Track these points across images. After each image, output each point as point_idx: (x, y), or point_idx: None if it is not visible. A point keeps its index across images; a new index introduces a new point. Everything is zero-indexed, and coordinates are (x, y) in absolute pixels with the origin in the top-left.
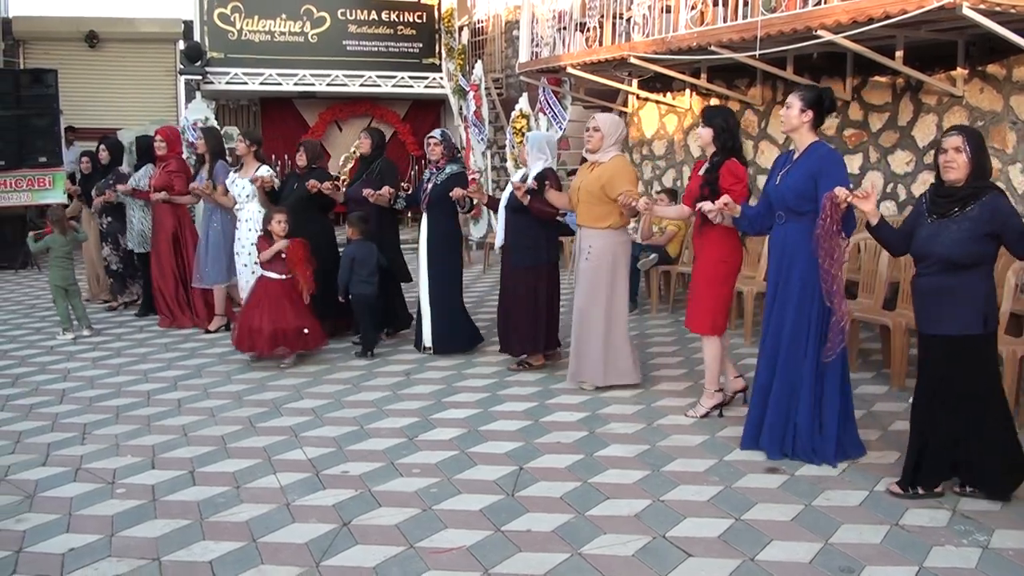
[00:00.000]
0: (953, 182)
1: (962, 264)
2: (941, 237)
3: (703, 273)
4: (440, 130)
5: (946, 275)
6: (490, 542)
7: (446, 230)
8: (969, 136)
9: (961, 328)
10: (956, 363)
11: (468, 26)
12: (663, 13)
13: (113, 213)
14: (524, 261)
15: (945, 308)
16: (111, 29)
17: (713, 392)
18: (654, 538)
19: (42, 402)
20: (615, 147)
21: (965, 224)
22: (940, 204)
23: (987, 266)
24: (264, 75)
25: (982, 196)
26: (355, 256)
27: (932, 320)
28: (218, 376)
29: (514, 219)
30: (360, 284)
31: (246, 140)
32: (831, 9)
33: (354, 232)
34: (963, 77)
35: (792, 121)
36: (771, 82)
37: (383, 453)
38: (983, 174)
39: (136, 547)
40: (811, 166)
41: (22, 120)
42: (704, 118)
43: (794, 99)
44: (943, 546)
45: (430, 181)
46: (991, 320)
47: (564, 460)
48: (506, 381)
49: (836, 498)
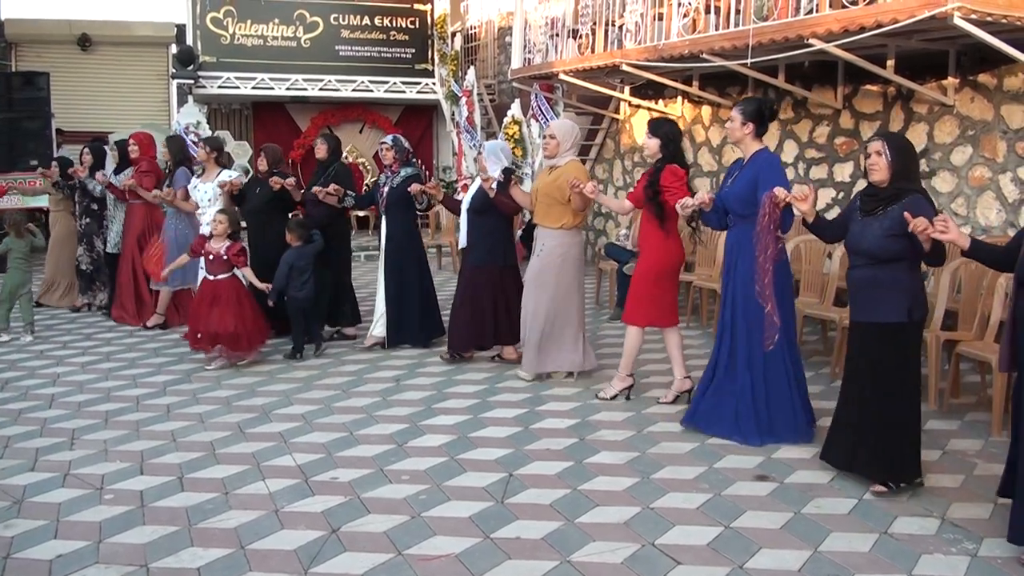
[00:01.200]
0: (877, 183)
1: (885, 259)
2: (867, 233)
3: (647, 270)
4: (392, 135)
5: (873, 268)
6: (479, 549)
7: (404, 230)
8: (890, 141)
9: (886, 316)
10: (880, 349)
11: (461, 32)
12: (655, 20)
13: (91, 215)
14: (484, 261)
15: (873, 298)
16: (104, 32)
17: (625, 376)
18: (643, 545)
19: (31, 407)
20: (571, 152)
21: (887, 222)
22: (868, 203)
23: (911, 260)
24: (257, 79)
25: (904, 197)
26: (292, 263)
27: (861, 309)
28: (208, 381)
29: (476, 221)
30: (295, 289)
31: (207, 147)
32: (823, 18)
33: (293, 237)
34: (954, 86)
35: (736, 133)
36: (763, 90)
37: (372, 459)
38: (906, 177)
39: (124, 553)
40: (753, 172)
41: (13, 123)
42: (651, 129)
43: (735, 113)
44: (932, 554)
45: (386, 184)
46: (915, 311)
47: (554, 467)
48: (496, 388)
49: (826, 506)
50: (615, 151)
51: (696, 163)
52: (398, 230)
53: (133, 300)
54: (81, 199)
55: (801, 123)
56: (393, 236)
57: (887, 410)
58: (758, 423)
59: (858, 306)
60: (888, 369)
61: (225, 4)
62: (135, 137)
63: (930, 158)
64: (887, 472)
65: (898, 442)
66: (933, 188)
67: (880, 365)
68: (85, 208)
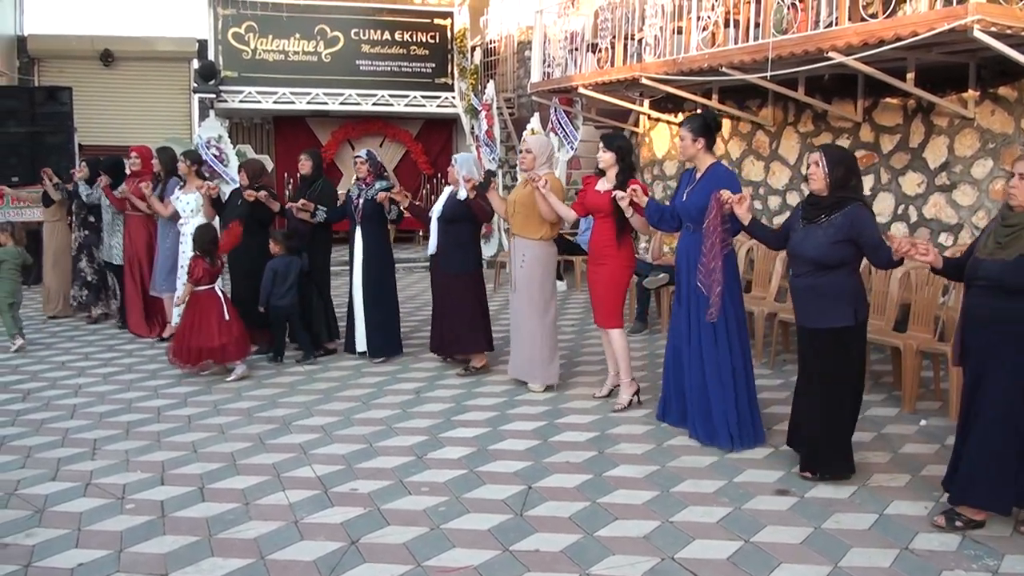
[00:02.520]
0: (817, 192)
1: (827, 265)
2: (809, 241)
3: (614, 276)
4: (366, 150)
5: (816, 275)
6: (498, 562)
7: (378, 242)
8: (827, 153)
9: (832, 321)
10: (829, 353)
11: (480, 46)
12: (675, 34)
13: (89, 227)
14: (454, 267)
15: (820, 304)
16: (126, 48)
17: (630, 382)
18: (663, 560)
19: (52, 417)
20: (546, 165)
21: (829, 231)
22: (809, 211)
23: (851, 266)
24: (278, 94)
25: (845, 206)
26: (277, 270)
27: (807, 315)
28: (228, 393)
29: (446, 229)
30: (277, 297)
31: (187, 160)
32: (842, 31)
33: (278, 248)
34: (974, 99)
35: (688, 151)
36: (782, 103)
37: (392, 471)
38: (844, 187)
39: (145, 563)
40: (712, 185)
41: (36, 137)
42: (605, 144)
43: (684, 132)
44: (953, 571)
45: (360, 197)
46: (860, 312)
47: (573, 480)
48: (515, 400)
49: (846, 521)
50: (635, 164)
51: None
52: (372, 243)
53: (141, 312)
54: (78, 211)
55: (821, 136)
56: (368, 249)
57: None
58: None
59: (805, 313)
60: (836, 368)
61: (247, 20)
62: (136, 150)
63: (951, 171)
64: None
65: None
66: (954, 201)
67: (829, 365)
68: (83, 220)
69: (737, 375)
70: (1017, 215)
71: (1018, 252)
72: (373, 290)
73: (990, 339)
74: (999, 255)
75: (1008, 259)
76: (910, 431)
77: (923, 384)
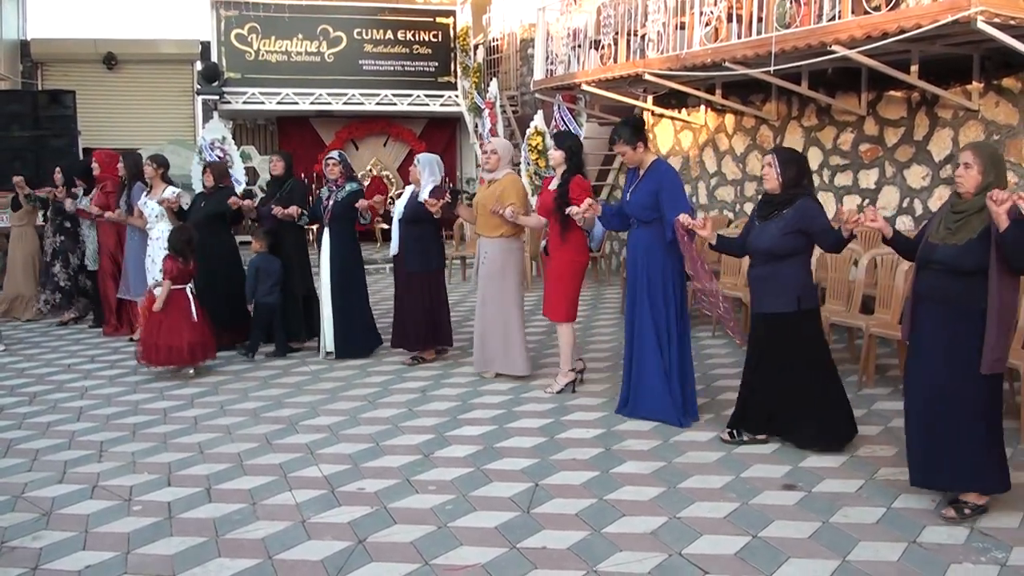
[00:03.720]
0: (771, 191)
1: (779, 255)
2: (763, 235)
3: (560, 270)
4: (338, 151)
5: (768, 265)
6: (506, 559)
7: (347, 242)
8: (779, 154)
9: (779, 307)
10: (776, 335)
11: (483, 44)
12: (677, 30)
13: (65, 232)
14: (416, 267)
15: (767, 291)
16: (129, 50)
17: (567, 371)
18: (670, 555)
19: (59, 420)
20: (508, 166)
21: (781, 224)
22: (764, 209)
23: (801, 256)
24: (281, 94)
25: (795, 201)
26: (259, 266)
27: (759, 300)
28: (234, 394)
29: (408, 230)
30: (262, 294)
31: (153, 163)
32: (845, 24)
33: (260, 245)
34: (978, 91)
35: (633, 159)
36: (786, 97)
37: (399, 470)
38: (796, 184)
39: (152, 564)
40: (653, 183)
41: (40, 141)
42: (556, 142)
43: (622, 147)
44: (961, 563)
45: (330, 198)
46: (804, 300)
47: (580, 477)
48: (521, 398)
49: (853, 515)
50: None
51: (720, 171)
52: (342, 243)
53: (115, 314)
54: (54, 216)
55: (825, 130)
56: (337, 249)
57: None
58: (674, 404)
59: (756, 299)
60: (783, 351)
61: (249, 21)
62: (96, 155)
63: (955, 163)
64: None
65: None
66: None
67: (777, 348)
68: (59, 226)
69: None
70: (965, 202)
71: (967, 237)
72: (341, 291)
73: (941, 318)
74: (950, 240)
75: (959, 243)
76: None
77: None
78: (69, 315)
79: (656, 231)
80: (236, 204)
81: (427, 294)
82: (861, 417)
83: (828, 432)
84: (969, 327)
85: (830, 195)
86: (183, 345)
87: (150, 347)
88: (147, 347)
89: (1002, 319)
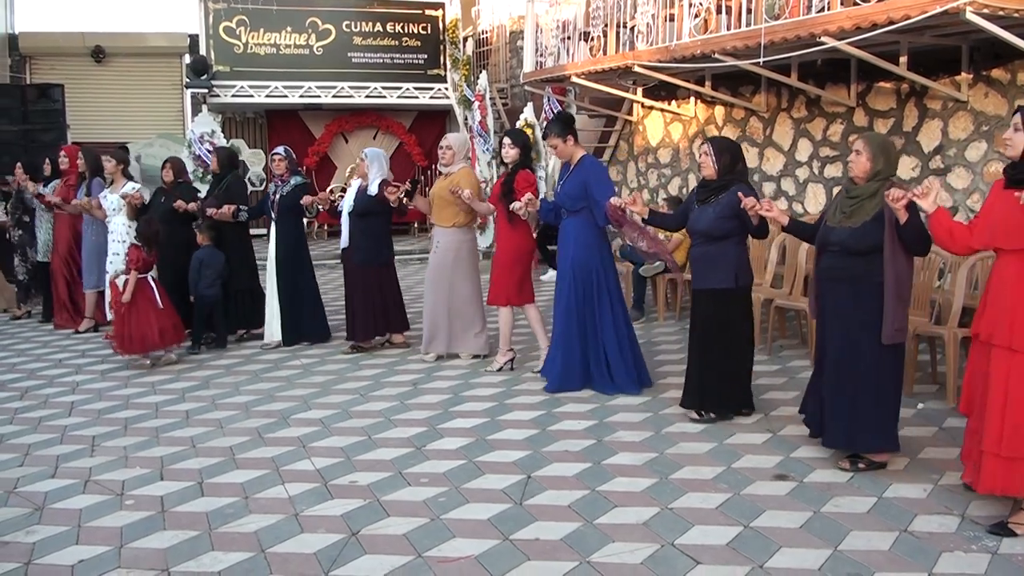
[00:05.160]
0: (708, 177)
1: (716, 236)
2: (701, 218)
3: (504, 258)
4: (283, 147)
5: (708, 245)
6: (498, 551)
7: (293, 234)
8: (714, 144)
9: (717, 283)
10: (714, 310)
11: (473, 37)
12: (667, 22)
13: (24, 227)
14: (366, 259)
15: (707, 269)
16: (117, 44)
17: (506, 351)
18: (663, 546)
19: (51, 415)
20: (463, 160)
21: (717, 208)
22: (702, 194)
23: (736, 237)
24: (270, 88)
25: (730, 187)
26: (203, 259)
27: (699, 278)
28: (226, 388)
29: (357, 223)
30: (204, 287)
31: (113, 159)
32: (834, 15)
33: (203, 238)
34: (968, 82)
35: (564, 152)
36: (776, 89)
37: (391, 463)
38: (731, 171)
39: (145, 558)
40: (582, 176)
41: (29, 135)
42: (512, 139)
43: (554, 140)
44: (952, 552)
45: (276, 193)
46: (741, 278)
47: (572, 468)
48: (513, 390)
49: (845, 505)
50: (628, 153)
51: None
52: (289, 236)
53: (69, 306)
54: (13, 211)
55: (815, 121)
56: (284, 242)
57: (716, 356)
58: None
59: (697, 276)
60: (719, 324)
61: (237, 14)
62: (65, 149)
63: (945, 154)
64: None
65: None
66: (949, 184)
67: (713, 322)
68: (17, 220)
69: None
70: (859, 187)
71: (862, 220)
72: (288, 284)
73: (843, 293)
74: (846, 223)
75: (855, 226)
76: (908, 414)
77: (920, 368)
78: (24, 308)
79: (584, 219)
80: (181, 208)
81: (377, 285)
82: None
83: (735, 398)
84: (869, 302)
85: (820, 187)
86: (154, 332)
87: (123, 338)
88: (120, 338)
89: (899, 293)
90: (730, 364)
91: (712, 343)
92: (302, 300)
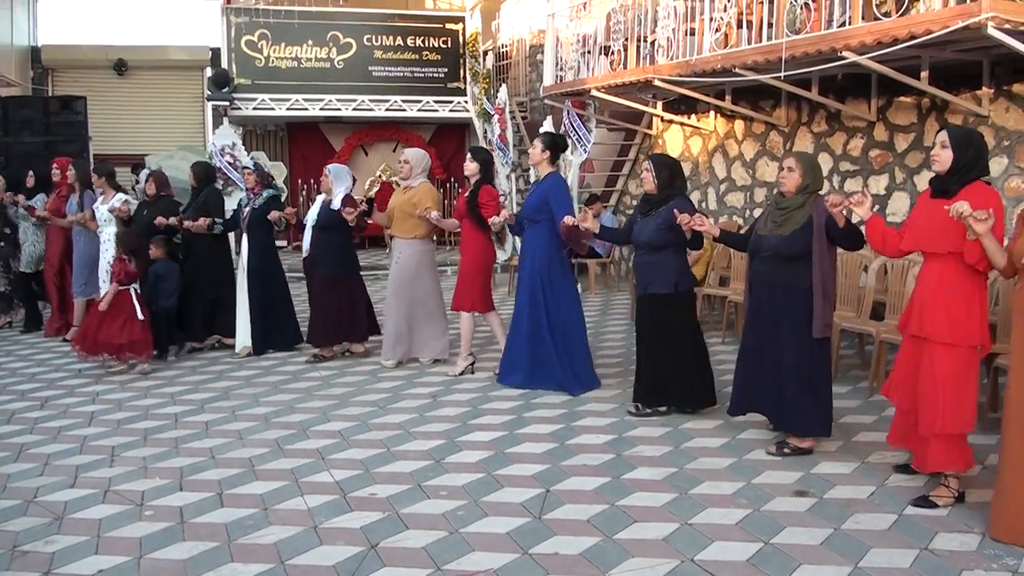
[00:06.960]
0: (649, 192)
1: (657, 246)
2: (644, 230)
3: (468, 267)
4: (252, 161)
5: (649, 254)
6: (517, 565)
7: (264, 246)
8: (654, 160)
9: (657, 288)
10: (656, 314)
11: (493, 50)
12: (687, 36)
13: (5, 239)
14: (330, 270)
15: (649, 276)
16: (139, 57)
17: (466, 355)
18: (682, 562)
19: (70, 424)
20: (422, 175)
21: (658, 220)
22: (644, 207)
23: (675, 247)
24: (291, 100)
25: (670, 201)
26: (159, 273)
27: (642, 284)
28: (245, 399)
29: (320, 236)
30: (165, 298)
31: (96, 173)
32: (856, 30)
33: (159, 252)
34: (989, 97)
35: (536, 157)
36: (796, 103)
37: (410, 475)
38: (670, 186)
39: (164, 569)
40: (545, 190)
41: (51, 147)
42: (473, 155)
43: (537, 142)
44: (972, 571)
45: (248, 206)
46: (681, 284)
47: (591, 483)
48: (532, 404)
49: (865, 521)
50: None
51: (730, 177)
52: (259, 247)
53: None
54: None
55: (835, 136)
56: (255, 253)
57: (662, 356)
58: (564, 375)
59: (640, 284)
60: (663, 327)
61: (259, 27)
62: (58, 162)
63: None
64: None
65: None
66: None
67: (658, 325)
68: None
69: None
70: (788, 199)
71: (791, 229)
72: (257, 293)
73: (774, 296)
74: (777, 232)
75: (785, 234)
76: None
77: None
78: (5, 319)
79: (544, 229)
80: (162, 223)
81: (336, 295)
82: (872, 423)
83: (694, 396)
84: (797, 302)
85: None
86: (117, 340)
87: (84, 336)
88: (82, 336)
89: (826, 293)
90: (678, 363)
91: (656, 344)
92: (275, 309)
